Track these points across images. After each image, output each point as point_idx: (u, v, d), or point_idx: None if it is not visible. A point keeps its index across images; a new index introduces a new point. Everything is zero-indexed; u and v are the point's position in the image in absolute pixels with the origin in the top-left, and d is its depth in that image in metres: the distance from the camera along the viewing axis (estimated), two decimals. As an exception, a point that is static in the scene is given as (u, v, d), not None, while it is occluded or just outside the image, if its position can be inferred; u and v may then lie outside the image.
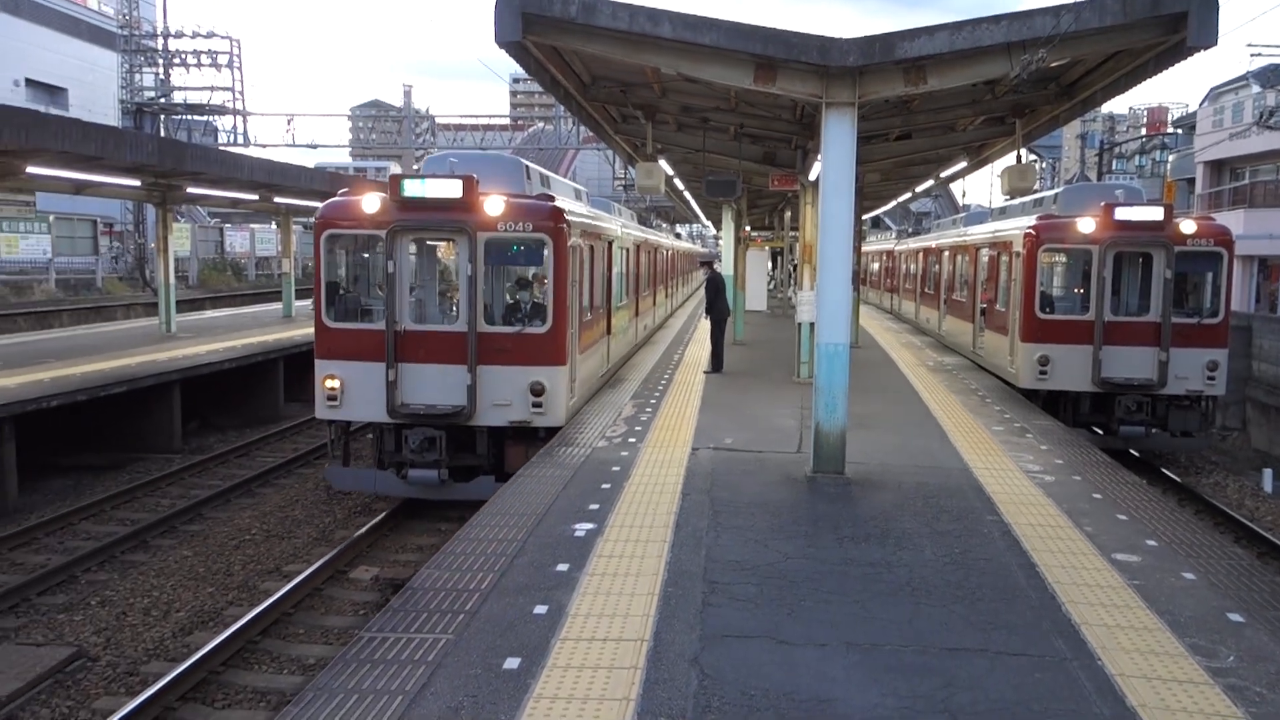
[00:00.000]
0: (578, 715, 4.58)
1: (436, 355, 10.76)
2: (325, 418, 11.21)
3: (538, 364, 10.70)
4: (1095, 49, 9.37)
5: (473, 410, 10.63)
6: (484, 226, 10.52)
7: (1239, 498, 14.98)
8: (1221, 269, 14.35)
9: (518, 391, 10.68)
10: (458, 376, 10.64)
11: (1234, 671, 5.16)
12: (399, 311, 10.77)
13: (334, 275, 11.50)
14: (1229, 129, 35.61)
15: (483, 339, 10.62)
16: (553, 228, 10.66)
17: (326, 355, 11.01)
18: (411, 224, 10.70)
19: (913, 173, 20.45)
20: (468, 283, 10.58)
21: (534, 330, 10.83)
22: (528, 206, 10.70)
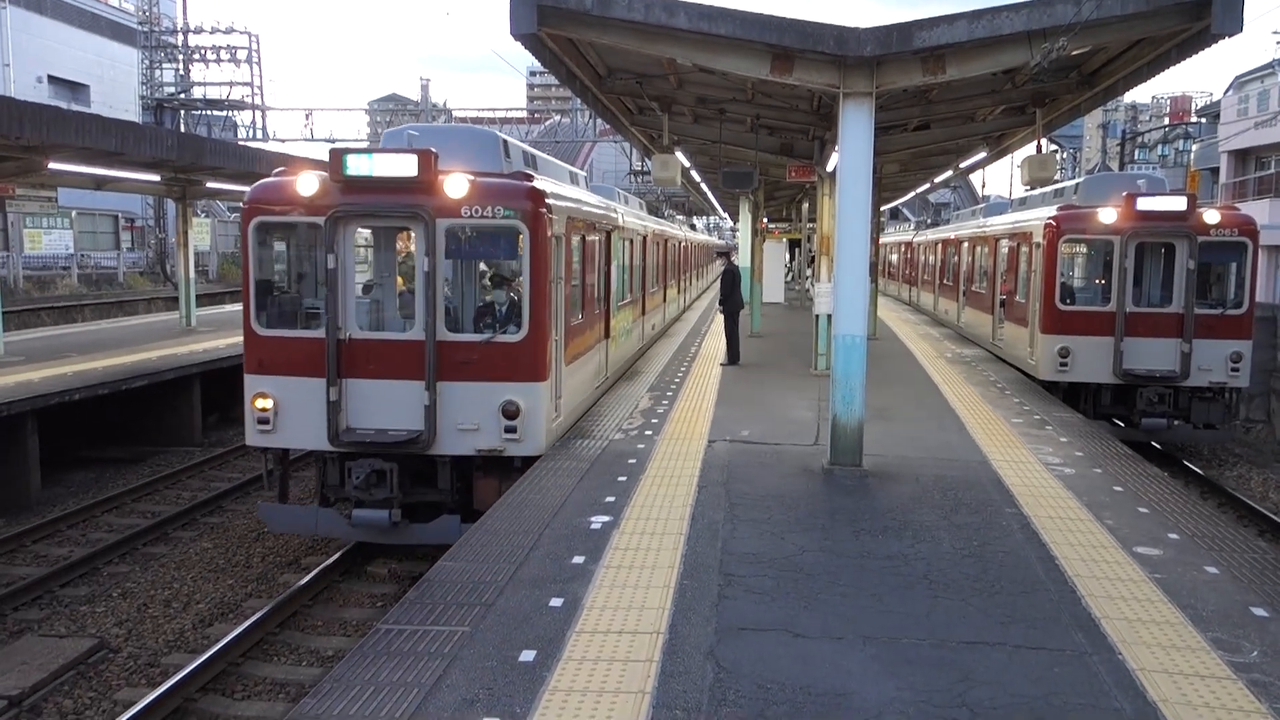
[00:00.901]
0: (593, 708, 4.57)
1: (389, 369, 8.99)
2: (257, 445, 9.35)
3: (511, 379, 8.91)
4: (1117, 37, 9.25)
5: (432, 436, 8.83)
6: (444, 211, 8.73)
7: (1263, 491, 14.81)
8: (1246, 259, 14.16)
9: (487, 413, 8.89)
10: (413, 395, 8.86)
11: (1258, 667, 5.09)
12: (343, 315, 8.94)
13: (267, 272, 9.66)
14: (1254, 117, 35.13)
15: (444, 349, 8.85)
16: (529, 212, 8.84)
17: (257, 369, 9.18)
18: (356, 209, 8.89)
19: (931, 163, 20.30)
20: (425, 280, 8.77)
21: (507, 338, 9.01)
22: (498, 187, 8.91)
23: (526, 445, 9.07)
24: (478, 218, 8.82)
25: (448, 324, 9.03)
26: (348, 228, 9.04)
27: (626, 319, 15.30)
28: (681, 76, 12.27)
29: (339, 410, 8.92)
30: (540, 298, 9.05)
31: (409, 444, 8.84)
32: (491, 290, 10.01)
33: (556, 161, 12.63)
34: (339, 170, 8.81)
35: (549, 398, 9.38)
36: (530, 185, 9.06)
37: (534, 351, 9.08)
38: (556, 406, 9.79)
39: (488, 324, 9.42)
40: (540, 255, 9.03)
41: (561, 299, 9.83)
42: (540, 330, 9.10)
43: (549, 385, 9.36)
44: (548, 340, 9.29)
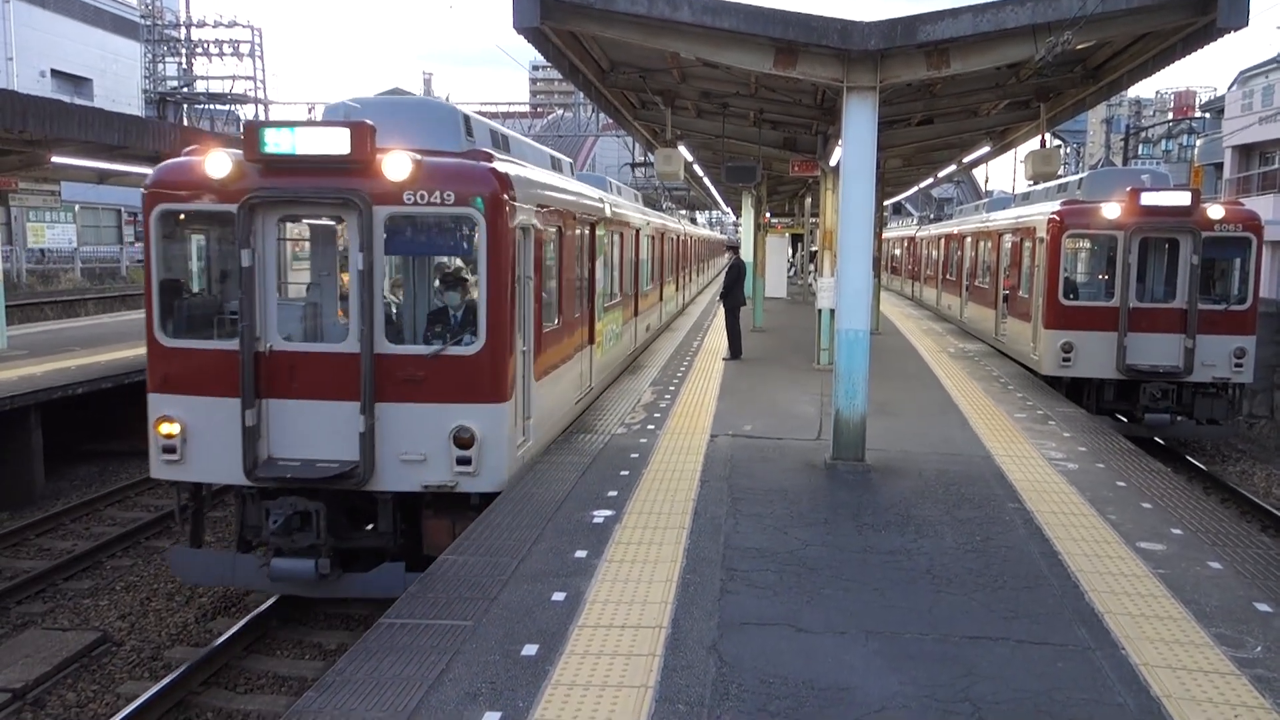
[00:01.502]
0: (595, 702, 4.57)
1: (318, 388, 7.63)
2: (162, 477, 7.94)
3: (466, 400, 7.58)
4: (1122, 30, 9.22)
5: (369, 469, 7.48)
6: (383, 197, 7.45)
7: (1266, 486, 14.80)
8: (1250, 255, 14.13)
9: (436, 441, 7.57)
10: (347, 419, 7.50)
11: (1261, 662, 5.08)
12: (262, 323, 7.64)
13: (175, 270, 8.30)
14: (1259, 113, 35.02)
15: (384, 364, 7.51)
16: (487, 199, 7.51)
17: (162, 387, 7.80)
18: (275, 194, 7.53)
19: (935, 158, 20.26)
20: (359, 280, 7.45)
21: (460, 351, 7.65)
22: (449, 168, 7.62)
23: (483, 479, 7.65)
24: (424, 205, 7.49)
25: (389, 334, 7.72)
26: (266, 217, 7.67)
27: (615, 322, 13.86)
28: (685, 71, 12.24)
29: (257, 437, 7.55)
30: (500, 301, 7.67)
31: (341, 478, 7.43)
32: (445, 292, 8.47)
33: (535, 145, 11.24)
34: (255, 147, 7.43)
35: (513, 421, 8.02)
36: (488, 167, 7.73)
37: (493, 366, 7.68)
38: (524, 429, 8.45)
39: (437, 333, 8.02)
40: (501, 250, 7.63)
41: (531, 302, 8.47)
42: (501, 340, 7.70)
43: (512, 406, 7.99)
44: (511, 352, 7.91)
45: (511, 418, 7.99)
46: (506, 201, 7.70)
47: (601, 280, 12.47)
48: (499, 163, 8.02)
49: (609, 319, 13.27)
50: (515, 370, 8.03)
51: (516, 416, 8.15)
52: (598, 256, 12.11)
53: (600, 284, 12.31)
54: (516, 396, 8.11)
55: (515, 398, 8.08)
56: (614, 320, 13.77)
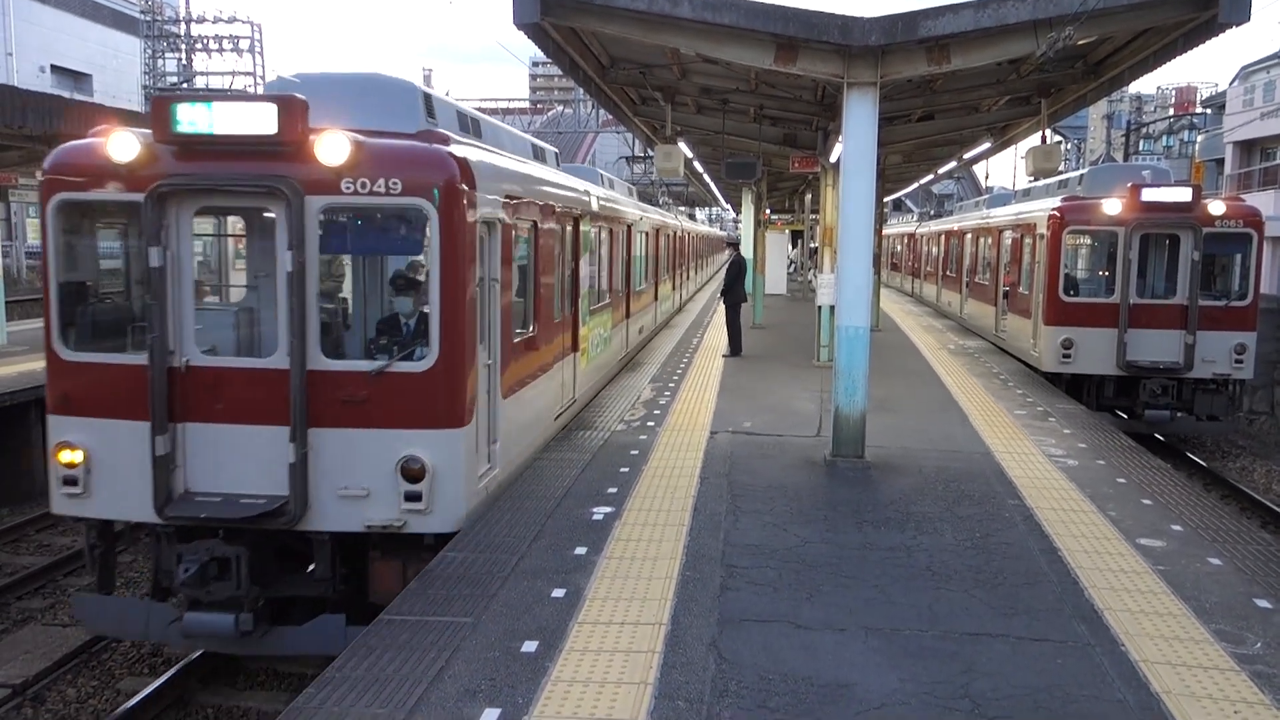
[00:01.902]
0: (595, 698, 4.57)
1: (244, 410, 6.60)
2: (63, 513, 6.92)
3: (415, 425, 6.55)
4: (1123, 26, 9.20)
5: (301, 506, 6.45)
6: (317, 185, 6.40)
7: (1267, 483, 14.80)
8: (1251, 251, 14.12)
9: (380, 473, 6.53)
10: (276, 447, 6.45)
11: (1261, 658, 5.08)
12: (177, 333, 6.59)
13: (80, 270, 7.09)
14: (1260, 108, 34.96)
15: (319, 383, 6.47)
16: (441, 188, 6.48)
17: (62, 408, 6.75)
18: (190, 181, 6.50)
19: (935, 154, 20.24)
20: (288, 284, 6.42)
21: (408, 367, 6.60)
22: (395, 151, 6.59)
23: (437, 518, 6.61)
24: (365, 194, 6.42)
25: (326, 347, 6.59)
26: (180, 209, 6.58)
27: (603, 326, 12.82)
28: (685, 67, 12.23)
29: (171, 468, 6.52)
30: (457, 308, 6.61)
31: (268, 517, 6.40)
32: (397, 297, 7.32)
33: (515, 132, 10.13)
34: (166, 126, 6.35)
35: (473, 448, 6.96)
36: (444, 151, 6.67)
37: (448, 385, 6.64)
38: (489, 455, 7.46)
39: (383, 346, 6.96)
40: (458, 248, 6.59)
41: (498, 307, 7.47)
42: (457, 354, 6.65)
43: (472, 431, 6.92)
44: (470, 367, 6.84)
45: (471, 444, 6.89)
46: (465, 191, 6.66)
47: (587, 280, 11.47)
48: (458, 146, 6.93)
49: (596, 322, 12.22)
50: (476, 388, 6.96)
51: (478, 442, 7.08)
52: (582, 254, 11.11)
53: (585, 284, 11.31)
54: (478, 419, 7.04)
55: (476, 420, 6.99)
56: (602, 323, 12.72)
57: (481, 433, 7.20)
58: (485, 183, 7.09)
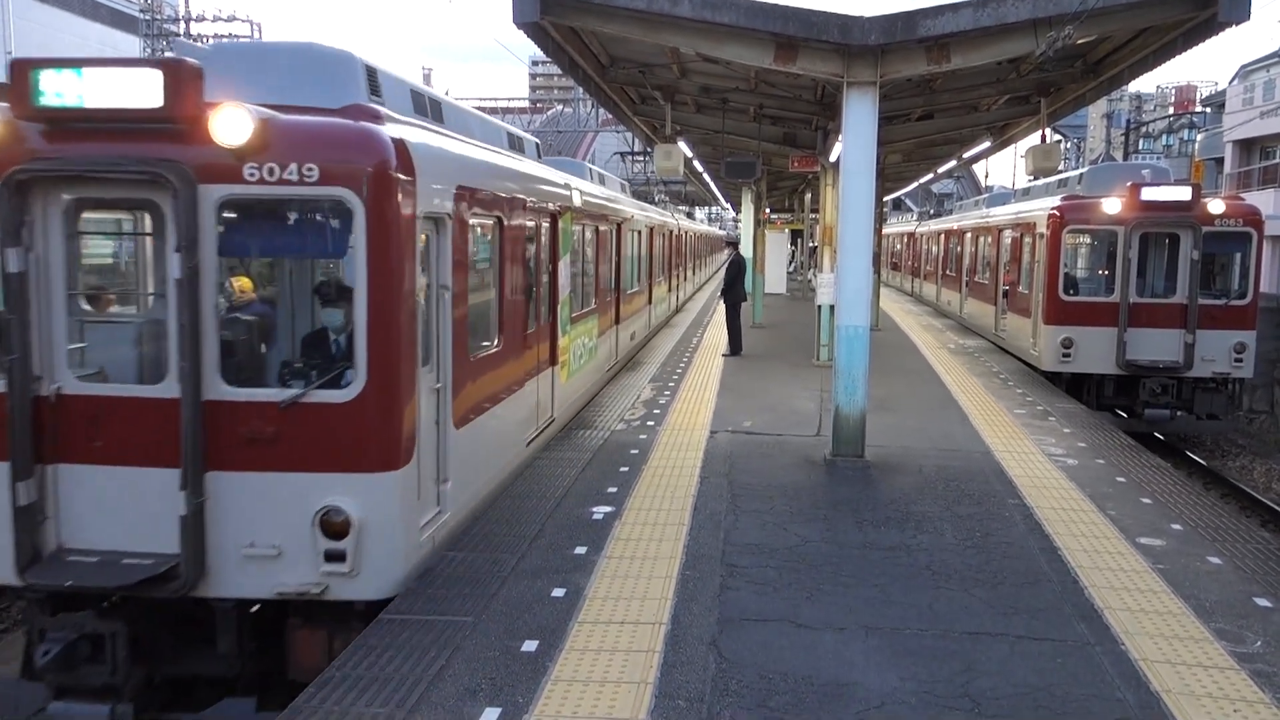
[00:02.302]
0: (595, 698, 4.57)
1: (128, 449, 5.49)
2: None
3: (337, 467, 5.48)
4: (1123, 25, 9.21)
5: (197, 567, 5.36)
6: (213, 171, 5.30)
7: (1266, 481, 14.81)
8: (1250, 250, 14.13)
9: (295, 527, 5.44)
10: (165, 496, 5.34)
11: (1261, 657, 5.08)
12: (45, 355, 5.48)
13: None
14: (1259, 107, 34.96)
15: (219, 416, 5.40)
16: (369, 175, 5.38)
17: None
18: (56, 167, 5.38)
19: (935, 153, 20.25)
20: (179, 294, 5.30)
21: (329, 396, 5.50)
22: (313, 131, 5.48)
23: (364, 581, 5.50)
24: (274, 183, 5.32)
25: (228, 371, 5.47)
26: (48, 200, 5.45)
27: (588, 334, 11.66)
28: (684, 66, 12.23)
29: (38, 520, 5.40)
30: (389, 323, 5.49)
31: (155, 583, 5.25)
32: (324, 309, 6.13)
33: (486, 118, 8.86)
34: (27, 97, 5.24)
35: (413, 492, 5.84)
36: (372, 129, 5.54)
37: (379, 417, 5.53)
38: (438, 497, 6.36)
39: (298, 371, 5.81)
40: (391, 250, 5.47)
41: (449, 320, 6.41)
42: (390, 379, 5.54)
43: (411, 473, 5.80)
44: (409, 395, 5.74)
45: (410, 489, 5.79)
46: (402, 180, 5.57)
47: (568, 284, 10.32)
48: (396, 126, 5.83)
49: (579, 331, 11.07)
50: (418, 419, 5.87)
51: (420, 485, 5.96)
52: (562, 255, 9.93)
53: (566, 289, 10.20)
54: (420, 457, 5.92)
55: (418, 459, 5.88)
56: (586, 332, 11.54)
57: (426, 473, 6.06)
58: (431, 170, 6.01)
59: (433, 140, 6.44)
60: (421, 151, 5.92)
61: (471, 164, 7.19)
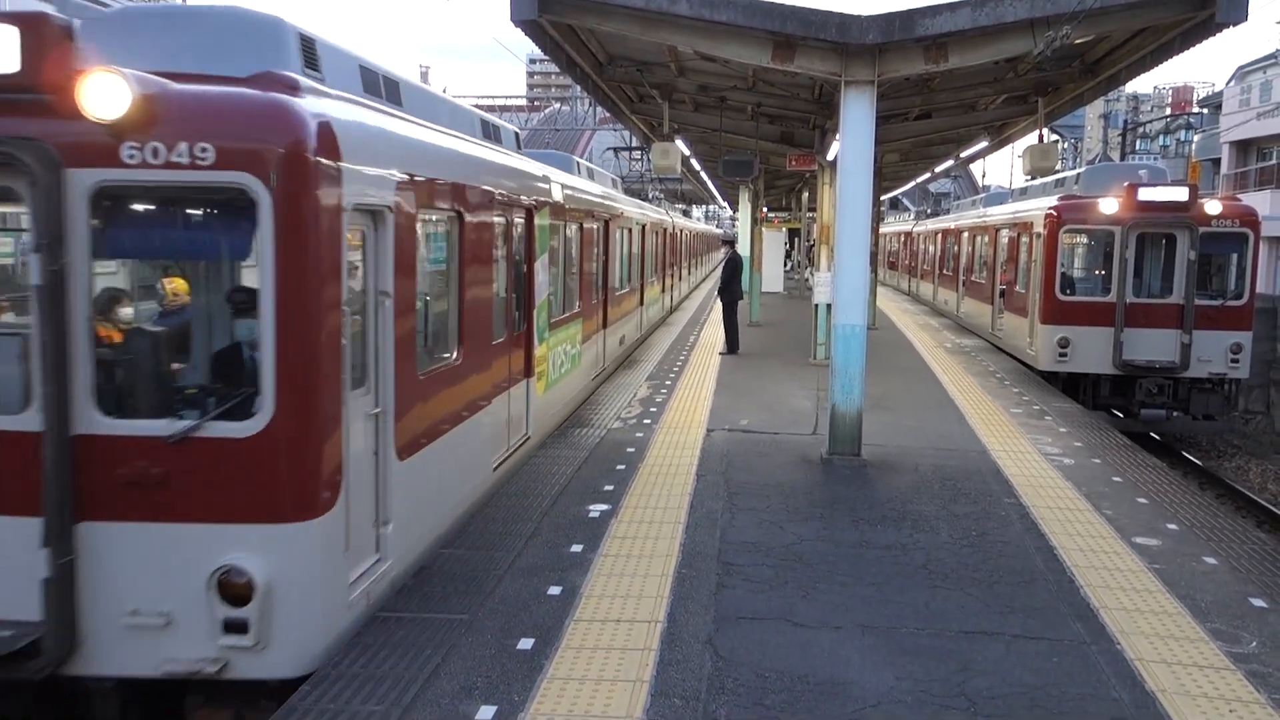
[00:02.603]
0: (591, 696, 4.57)
1: None
2: None
3: (239, 517, 4.59)
4: (1121, 25, 9.21)
5: (65, 639, 4.45)
6: (84, 153, 4.43)
7: (1262, 482, 14.84)
8: (1247, 250, 14.15)
9: (187, 590, 4.55)
10: (24, 552, 4.44)
11: (1256, 657, 5.09)
12: None
13: None
14: (1256, 108, 35.01)
15: (93, 453, 4.51)
16: (281, 157, 4.50)
17: None
18: None
19: (932, 153, 20.26)
20: (38, 302, 4.43)
21: (229, 430, 4.59)
22: (208, 103, 4.59)
23: (274, 657, 4.61)
24: (160, 167, 4.41)
25: (107, 400, 4.58)
26: None
27: (570, 341, 10.82)
28: (682, 64, 12.22)
29: None
30: (307, 339, 4.60)
31: (14, 660, 4.34)
32: (236, 320, 5.16)
33: (455, 102, 7.92)
34: None
35: (338, 544, 4.87)
36: (285, 101, 4.61)
37: (292, 454, 4.63)
38: (377, 542, 5.40)
39: (189, 399, 4.80)
40: (308, 249, 4.57)
41: (391, 332, 5.45)
42: (307, 407, 4.63)
43: (336, 521, 4.84)
44: (330, 425, 4.78)
45: (334, 541, 4.84)
46: (324, 165, 4.65)
47: (546, 286, 9.44)
48: (319, 99, 4.87)
49: (561, 338, 10.25)
50: (346, 453, 4.93)
51: (349, 534, 4.98)
52: (539, 255, 9.06)
53: (544, 291, 9.33)
54: (349, 499, 4.97)
55: (346, 502, 4.92)
56: (569, 338, 10.72)
57: (358, 517, 5.11)
58: (364, 154, 5.11)
59: (371, 120, 5.51)
60: (352, 132, 5.00)
61: (421, 150, 6.21)
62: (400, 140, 5.90)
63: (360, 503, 5.16)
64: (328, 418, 4.79)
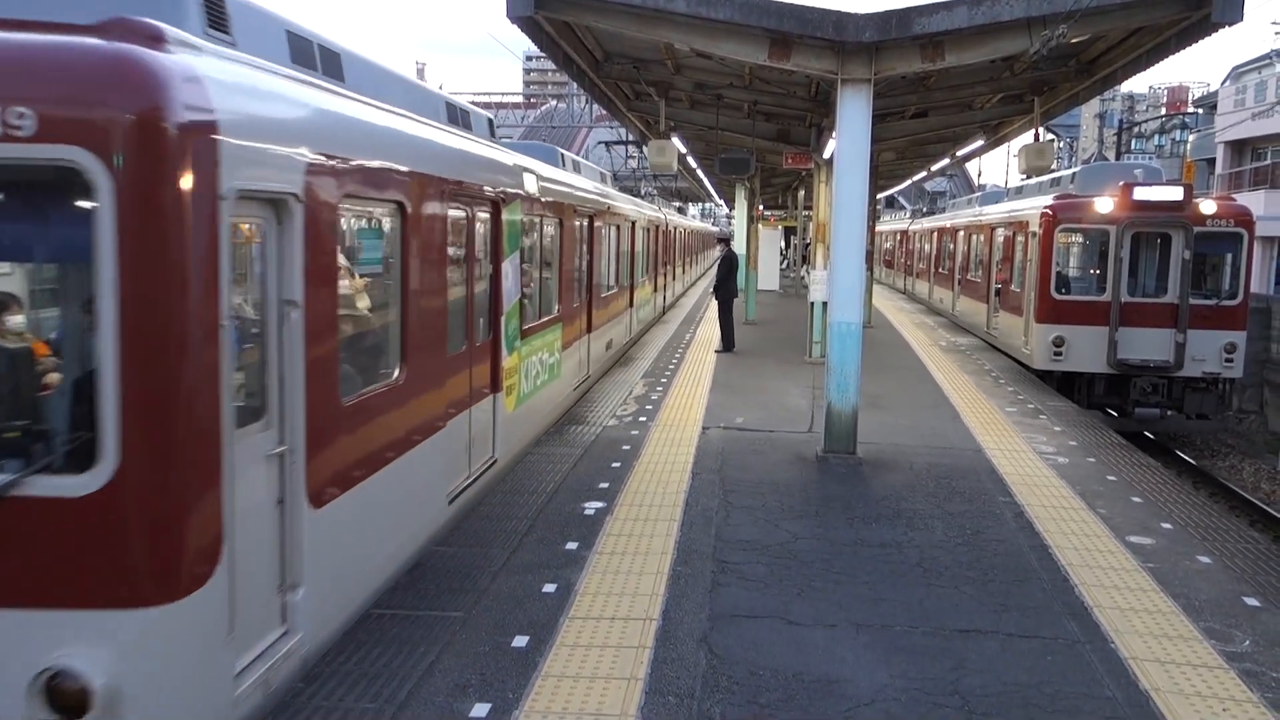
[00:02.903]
0: (585, 694, 4.56)
1: None
2: None
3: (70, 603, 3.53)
4: (1117, 24, 9.21)
5: None
6: None
7: (1255, 481, 14.89)
8: (1241, 250, 14.18)
9: (3, 700, 3.50)
10: None
11: (1249, 656, 5.10)
12: None
13: None
14: (1251, 108, 35.09)
15: None
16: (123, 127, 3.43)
17: None
18: None
19: (928, 151, 20.26)
20: None
21: (58, 487, 3.53)
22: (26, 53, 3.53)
23: None
24: None
25: None
26: None
27: (546, 349, 9.84)
28: (679, 62, 12.21)
29: None
30: (164, 364, 3.60)
31: None
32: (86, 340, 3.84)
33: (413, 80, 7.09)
34: None
35: (217, 628, 3.85)
36: (132, 54, 3.56)
37: (145, 518, 3.61)
38: (282, 612, 4.44)
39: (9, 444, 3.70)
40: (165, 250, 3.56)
41: (299, 352, 4.47)
42: (165, 453, 3.62)
43: (211, 599, 3.80)
44: (202, 476, 3.77)
45: (208, 623, 3.80)
46: (192, 137, 3.62)
47: (516, 289, 8.45)
48: (190, 56, 3.76)
49: (536, 346, 9.31)
50: (229, 510, 3.89)
51: (233, 610, 3.93)
52: (508, 254, 8.12)
53: (512, 295, 8.32)
54: (232, 568, 3.91)
55: (226, 573, 3.87)
56: (545, 346, 9.73)
57: (251, 587, 4.09)
58: (257, 128, 4.09)
59: (273, 87, 4.42)
60: (238, 98, 3.94)
61: (345, 126, 5.11)
62: (313, 113, 4.75)
63: (254, 568, 4.13)
64: (198, 465, 3.71)
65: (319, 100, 4.92)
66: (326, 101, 5.02)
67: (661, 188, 42.09)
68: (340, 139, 4.99)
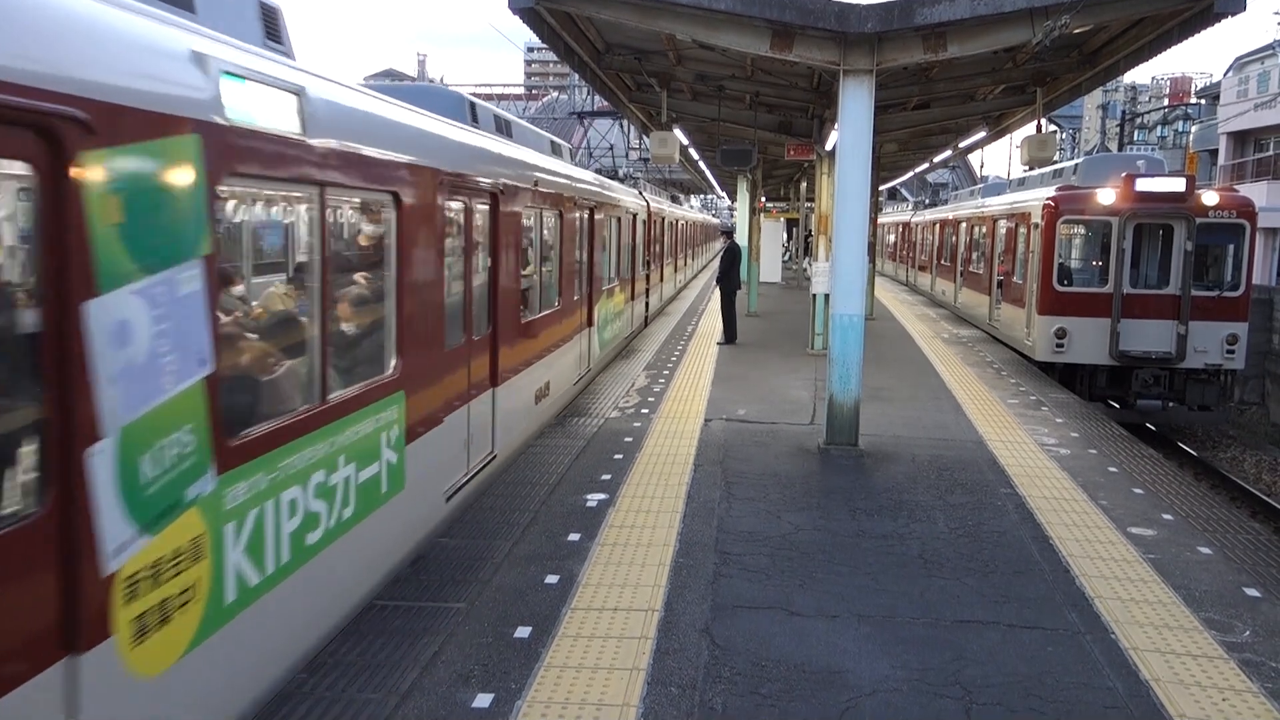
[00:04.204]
0: (587, 684, 4.58)
1: None
2: None
3: None
4: (1120, 15, 9.18)
5: None
6: None
7: (1257, 472, 14.89)
8: (1244, 241, 14.16)
9: None
10: None
11: (1250, 646, 5.11)
12: None
13: None
14: (1254, 99, 34.99)
15: None
16: None
17: None
18: None
19: (931, 143, 20.23)
20: None
21: None
22: None
23: None
24: None
25: None
26: None
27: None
28: (681, 53, 12.18)
29: None
30: None
31: None
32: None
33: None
34: None
35: None
36: None
37: None
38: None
39: None
40: None
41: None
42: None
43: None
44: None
45: None
46: None
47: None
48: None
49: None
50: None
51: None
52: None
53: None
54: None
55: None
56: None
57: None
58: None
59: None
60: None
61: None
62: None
63: None
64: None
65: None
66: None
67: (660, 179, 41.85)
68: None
